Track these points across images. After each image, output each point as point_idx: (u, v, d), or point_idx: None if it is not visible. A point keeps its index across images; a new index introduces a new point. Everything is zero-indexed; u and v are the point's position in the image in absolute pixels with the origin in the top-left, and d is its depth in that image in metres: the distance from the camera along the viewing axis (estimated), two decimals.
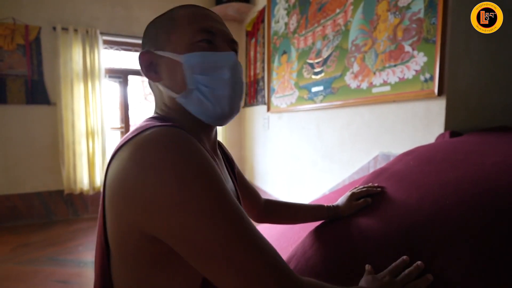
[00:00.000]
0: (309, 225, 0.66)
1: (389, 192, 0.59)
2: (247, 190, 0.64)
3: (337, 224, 0.60)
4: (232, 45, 0.46)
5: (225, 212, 0.32)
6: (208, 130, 0.47)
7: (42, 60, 2.45)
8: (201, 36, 0.42)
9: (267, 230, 0.92)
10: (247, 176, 3.18)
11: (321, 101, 1.78)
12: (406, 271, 0.44)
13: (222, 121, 0.45)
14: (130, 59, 2.97)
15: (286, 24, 2.17)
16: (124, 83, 2.91)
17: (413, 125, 1.21)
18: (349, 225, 0.56)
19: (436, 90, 1.09)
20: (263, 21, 2.57)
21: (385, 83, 1.32)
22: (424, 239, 0.46)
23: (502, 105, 1.22)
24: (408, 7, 1.19)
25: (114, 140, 2.96)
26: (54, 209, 2.59)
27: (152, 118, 0.44)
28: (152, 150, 0.32)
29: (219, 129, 3.10)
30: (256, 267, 0.31)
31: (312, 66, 1.87)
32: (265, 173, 2.70)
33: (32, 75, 2.43)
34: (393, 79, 1.28)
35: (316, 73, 1.83)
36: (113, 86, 2.91)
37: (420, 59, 1.15)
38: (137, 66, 2.87)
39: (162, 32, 0.44)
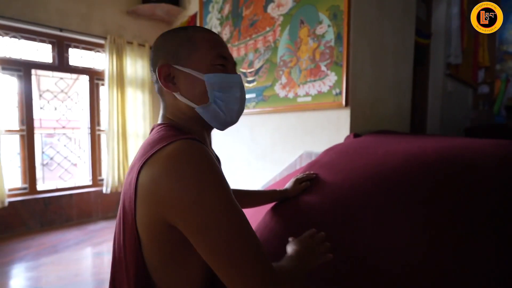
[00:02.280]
0: (265, 207, 0.82)
1: (322, 177, 0.81)
2: None
3: (288, 202, 0.78)
4: (235, 67, 0.58)
5: (232, 215, 0.42)
6: (210, 132, 0.60)
7: None
8: (219, 61, 0.52)
9: None
10: None
11: (254, 107, 1.99)
12: (317, 235, 0.61)
13: (227, 127, 0.57)
14: (34, 50, 2.54)
15: (219, 33, 2.30)
16: (26, 77, 2.47)
17: (329, 129, 1.53)
18: (297, 202, 0.75)
19: (343, 102, 1.43)
20: None
21: (307, 94, 1.62)
22: (345, 204, 0.68)
23: (384, 115, 1.68)
24: (323, 35, 1.51)
25: (12, 145, 2.46)
26: None
27: (169, 126, 0.51)
28: (180, 161, 0.42)
29: (146, 132, 2.96)
30: (255, 261, 0.41)
31: (245, 75, 2.06)
32: None
33: None
34: (313, 91, 1.58)
35: (249, 82, 2.03)
36: (10, 80, 2.42)
37: (332, 77, 1.48)
38: (44, 59, 2.48)
39: (183, 51, 0.51)
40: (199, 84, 0.51)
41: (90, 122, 2.83)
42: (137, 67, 2.84)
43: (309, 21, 1.58)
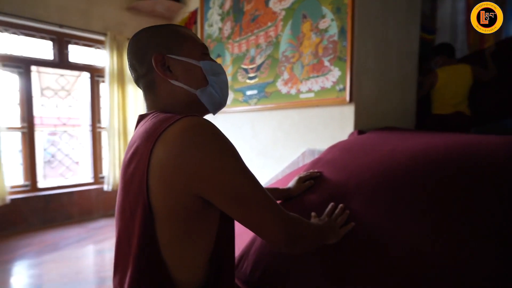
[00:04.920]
0: None
1: (326, 175, 0.78)
2: None
3: (292, 202, 0.76)
4: None
5: (249, 173, 0.48)
6: None
7: None
8: (205, 50, 0.60)
9: None
10: None
11: (256, 104, 1.96)
12: (336, 211, 0.68)
13: (219, 110, 0.63)
14: (34, 47, 2.52)
15: (220, 29, 2.27)
16: (26, 74, 2.45)
17: (332, 126, 1.50)
18: (300, 201, 0.72)
19: (347, 98, 1.40)
20: (195, 22, 2.60)
21: (310, 91, 1.59)
22: (351, 203, 0.65)
23: (388, 111, 1.65)
24: (326, 30, 1.48)
25: (14, 142, 2.45)
26: None
27: (164, 112, 0.53)
28: (196, 133, 0.45)
29: None
30: (272, 207, 0.49)
31: (246, 71, 2.03)
32: None
33: None
34: (316, 87, 1.55)
35: (251, 78, 2.00)
36: (11, 77, 2.41)
37: (336, 73, 1.45)
38: (44, 55, 2.46)
39: (173, 42, 0.56)
40: (196, 71, 0.57)
41: (91, 119, 2.81)
42: None
43: (311, 15, 1.55)
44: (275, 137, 1.86)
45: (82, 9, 2.53)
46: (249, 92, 2.02)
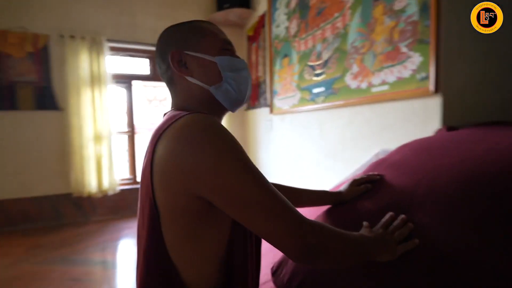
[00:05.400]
0: (317, 209, 0.72)
1: (388, 179, 0.65)
2: None
3: (341, 207, 0.66)
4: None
5: (253, 172, 0.43)
6: (222, 117, 0.60)
7: (50, 67, 2.53)
8: (226, 45, 0.56)
9: None
10: None
11: (323, 102, 1.84)
12: (394, 223, 0.55)
13: (237, 107, 0.60)
14: (135, 65, 3.05)
15: (287, 28, 2.24)
16: (130, 88, 2.99)
17: (411, 122, 1.27)
18: (352, 208, 0.62)
19: (432, 88, 1.15)
20: (264, 26, 2.65)
21: (383, 83, 1.39)
22: (417, 215, 0.51)
23: (495, 101, 1.28)
24: (403, 10, 1.26)
25: (122, 143, 3.02)
26: (63, 212, 2.65)
27: (181, 109, 0.53)
28: (193, 130, 0.43)
29: None
30: (283, 212, 0.42)
31: (313, 68, 1.94)
32: (269, 174, 2.76)
33: (41, 82, 2.50)
34: (391, 78, 1.34)
35: (317, 75, 1.89)
36: (120, 91, 2.98)
37: (416, 59, 1.21)
38: (142, 71, 2.94)
39: (192, 38, 0.55)
40: (211, 67, 0.55)
41: None
42: None
43: None
44: (344, 137, 1.70)
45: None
46: (316, 90, 1.92)
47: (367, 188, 0.68)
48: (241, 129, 3.32)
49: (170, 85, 0.57)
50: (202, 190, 0.43)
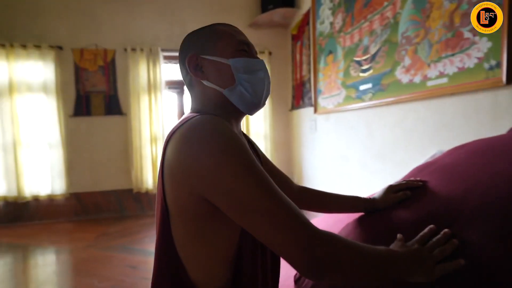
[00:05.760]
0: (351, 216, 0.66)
1: (432, 186, 0.55)
2: (275, 176, 0.69)
3: (374, 216, 0.59)
4: (256, 54, 0.60)
5: (257, 176, 0.41)
6: (239, 120, 0.59)
7: (116, 77, 2.89)
8: (242, 46, 0.55)
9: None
10: (296, 179, 3.17)
11: (370, 99, 1.70)
12: (434, 239, 0.47)
13: (255, 110, 0.57)
14: None
15: (331, 23, 2.14)
16: (181, 93, 3.21)
17: (477, 119, 1.08)
18: (385, 218, 0.55)
19: (504, 78, 0.96)
20: (308, 23, 2.57)
21: (441, 75, 1.21)
22: (466, 232, 0.42)
23: None
24: None
25: None
26: (125, 205, 2.99)
27: (195, 112, 0.54)
28: (199, 132, 0.44)
29: (267, 132, 3.17)
30: (288, 220, 0.39)
31: (359, 63, 1.81)
32: (313, 176, 2.67)
33: (109, 91, 2.87)
34: (450, 69, 1.17)
35: (364, 71, 1.76)
36: (172, 96, 3.23)
37: (483, 45, 1.03)
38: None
39: (208, 41, 0.55)
40: (225, 69, 0.54)
41: None
42: None
43: None
44: (394, 136, 1.54)
45: None
46: (362, 87, 1.78)
47: (406, 196, 0.59)
48: (285, 130, 3.29)
49: (190, 89, 0.58)
50: (206, 192, 0.43)
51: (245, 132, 3.07)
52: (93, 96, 2.85)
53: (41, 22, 2.72)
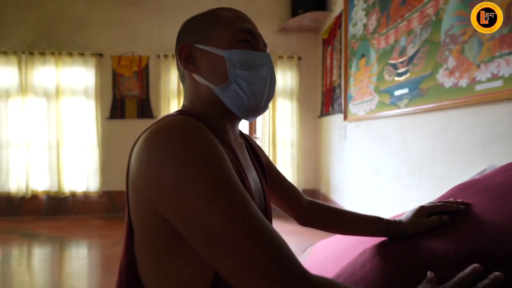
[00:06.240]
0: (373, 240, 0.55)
1: (478, 211, 0.43)
2: (283, 188, 0.61)
3: (398, 244, 0.47)
4: (265, 48, 0.50)
5: (225, 196, 0.32)
6: (234, 123, 0.50)
7: (149, 82, 3.01)
8: (243, 35, 0.45)
9: (337, 244, 0.81)
10: (323, 190, 3.01)
11: (406, 106, 1.54)
12: (479, 284, 0.35)
13: (252, 115, 0.48)
14: None
15: (365, 25, 2.00)
16: None
17: None
18: (413, 248, 0.43)
19: None
20: (340, 26, 2.45)
21: (494, 77, 1.04)
22: None
23: None
24: None
25: None
26: None
27: (177, 110, 0.47)
28: (157, 137, 0.36)
29: (294, 139, 3.06)
30: (259, 255, 0.30)
31: (395, 66, 1.65)
32: (342, 187, 2.50)
33: (142, 95, 3.00)
34: (507, 70, 0.99)
35: (400, 74, 1.60)
36: None
37: None
38: None
39: (204, 28, 0.47)
40: (219, 62, 0.45)
41: (248, 130, 3.31)
42: (286, 78, 3.03)
43: None
44: (434, 148, 1.36)
45: None
46: (398, 92, 1.62)
47: (441, 222, 0.47)
48: (313, 137, 3.15)
49: (182, 83, 0.51)
50: (163, 210, 0.35)
51: (268, 139, 3.02)
52: (128, 100, 3.00)
53: (86, 32, 2.96)
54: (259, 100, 0.46)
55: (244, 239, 0.30)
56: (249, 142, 0.60)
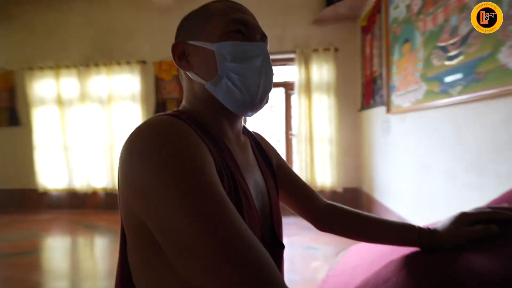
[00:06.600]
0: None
1: None
2: (296, 188, 0.57)
3: (432, 257, 0.39)
4: (263, 39, 0.47)
5: (195, 201, 0.30)
6: (233, 120, 0.48)
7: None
8: (234, 27, 0.43)
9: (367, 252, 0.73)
10: (365, 189, 2.82)
11: (460, 93, 1.34)
12: None
13: (249, 111, 0.45)
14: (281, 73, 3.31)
15: (408, 6, 1.80)
16: None
17: None
18: (451, 263, 0.35)
19: None
20: (379, 11, 2.25)
21: None
22: None
23: None
24: None
25: None
26: None
27: (172, 110, 0.46)
28: (134, 138, 0.35)
29: (332, 135, 2.92)
30: (229, 271, 0.27)
31: (444, 49, 1.45)
32: (386, 186, 2.30)
33: (181, 98, 3.15)
34: None
35: (451, 58, 1.40)
36: None
37: None
38: (284, 78, 3.16)
39: (196, 24, 0.46)
40: (210, 57, 0.43)
41: (285, 127, 3.25)
42: (322, 71, 2.90)
43: None
44: (497, 142, 1.16)
45: (278, 35, 3.00)
46: (449, 78, 1.42)
47: (489, 233, 0.38)
48: (354, 133, 2.97)
49: (181, 82, 0.51)
50: (140, 212, 0.34)
51: (304, 136, 2.91)
52: (168, 103, 3.18)
53: (131, 41, 3.21)
54: (253, 94, 0.43)
55: (213, 251, 0.28)
56: (256, 141, 0.57)
